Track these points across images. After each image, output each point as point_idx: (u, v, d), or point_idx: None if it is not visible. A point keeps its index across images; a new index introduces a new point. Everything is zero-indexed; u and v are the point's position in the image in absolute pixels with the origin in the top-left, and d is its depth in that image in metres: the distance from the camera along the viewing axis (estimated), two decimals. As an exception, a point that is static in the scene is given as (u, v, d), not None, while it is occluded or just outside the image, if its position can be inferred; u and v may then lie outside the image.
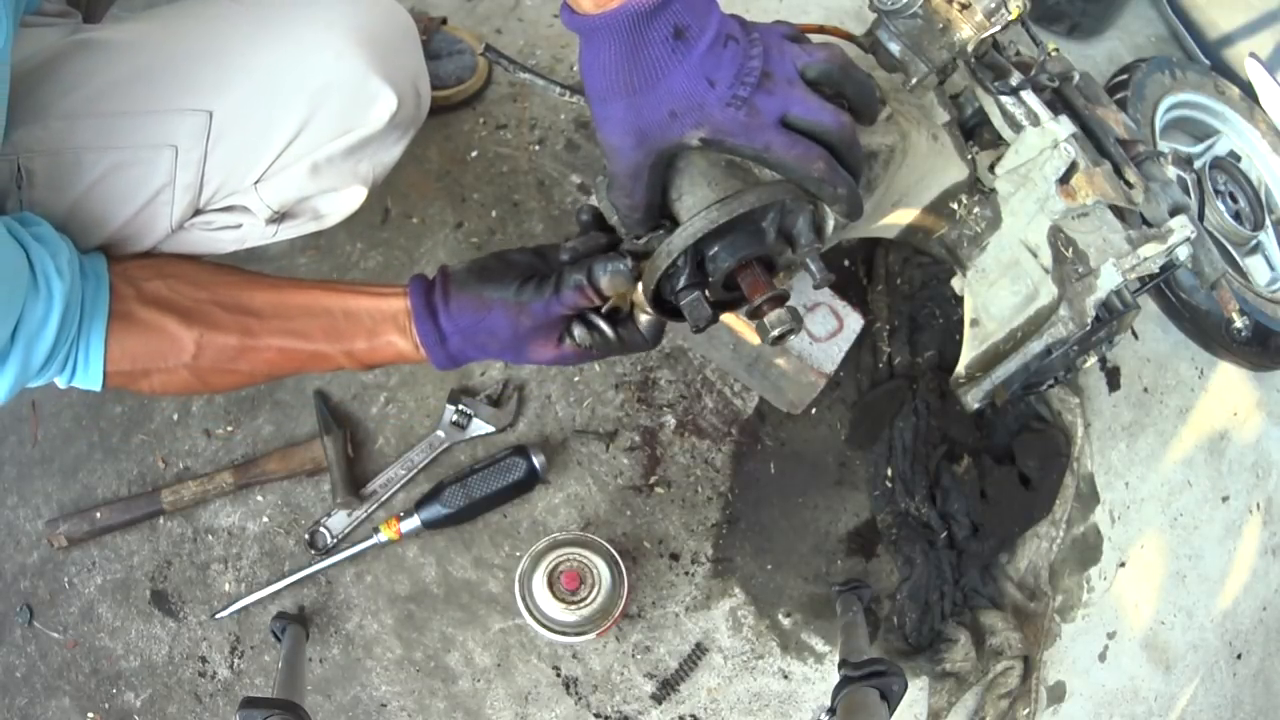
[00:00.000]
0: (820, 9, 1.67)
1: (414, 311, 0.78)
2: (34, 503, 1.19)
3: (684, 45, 0.64)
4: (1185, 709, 1.37)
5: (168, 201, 0.82)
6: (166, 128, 0.80)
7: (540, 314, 0.76)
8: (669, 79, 0.65)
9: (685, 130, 0.67)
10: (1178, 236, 0.98)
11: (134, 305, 0.74)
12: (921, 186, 1.03)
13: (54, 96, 0.80)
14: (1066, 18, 1.77)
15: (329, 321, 0.79)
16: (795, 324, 0.72)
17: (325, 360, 0.80)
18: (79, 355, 0.73)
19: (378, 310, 0.79)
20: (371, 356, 0.80)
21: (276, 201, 0.86)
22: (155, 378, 0.77)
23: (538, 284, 0.76)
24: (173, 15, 0.87)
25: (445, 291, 0.78)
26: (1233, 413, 1.55)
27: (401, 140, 0.92)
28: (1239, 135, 1.69)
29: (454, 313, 0.77)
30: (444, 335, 0.78)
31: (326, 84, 0.82)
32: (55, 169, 0.78)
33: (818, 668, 1.24)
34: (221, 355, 0.77)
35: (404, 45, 0.89)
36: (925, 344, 1.35)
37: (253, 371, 0.80)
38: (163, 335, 0.75)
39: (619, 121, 0.67)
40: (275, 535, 1.20)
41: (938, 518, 1.28)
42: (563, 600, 1.05)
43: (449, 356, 0.80)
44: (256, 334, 0.77)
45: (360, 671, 1.16)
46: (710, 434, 1.30)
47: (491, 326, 0.77)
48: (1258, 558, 1.48)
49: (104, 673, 1.13)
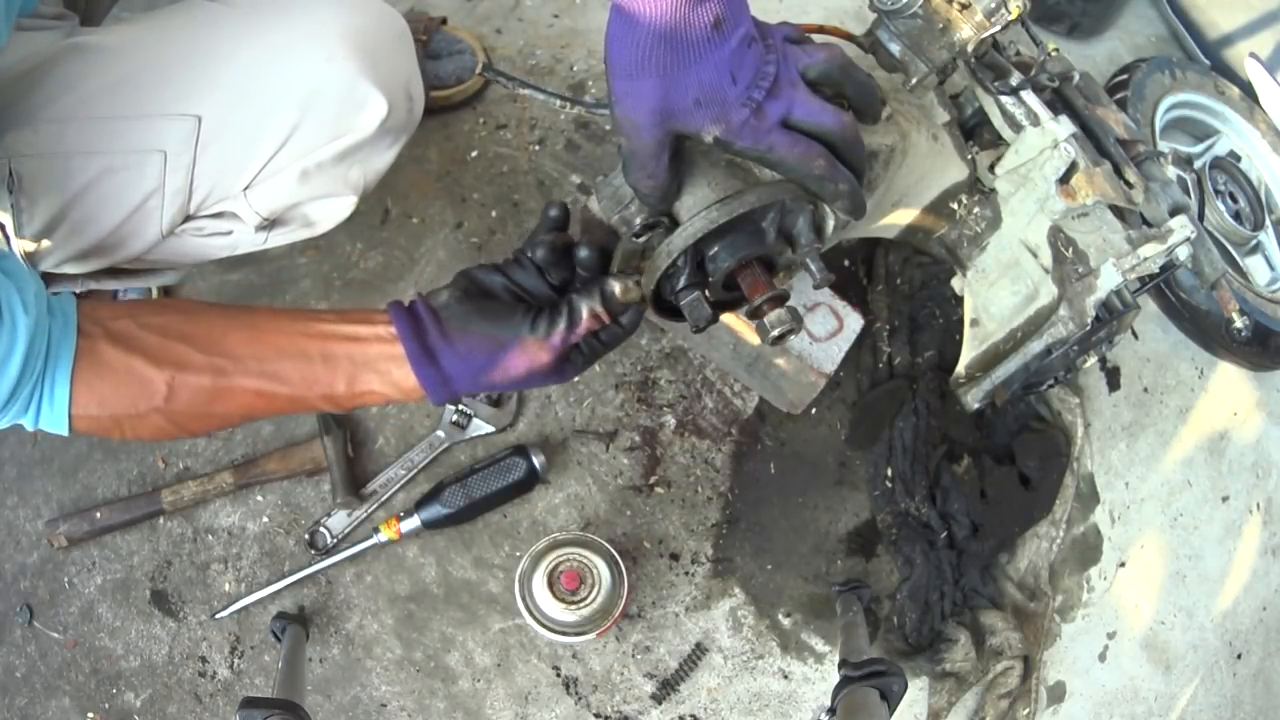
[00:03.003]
0: (820, 9, 1.66)
1: (410, 356, 0.73)
2: (34, 503, 1.19)
3: (720, 37, 0.64)
4: (1185, 709, 1.37)
5: (157, 207, 0.82)
6: (155, 133, 0.80)
7: (558, 347, 0.74)
8: (700, 66, 0.64)
9: (705, 124, 0.66)
10: (1178, 236, 0.98)
11: (101, 344, 0.70)
12: (921, 186, 1.03)
13: (45, 100, 0.79)
14: (1066, 18, 1.77)
15: (306, 366, 0.74)
16: (795, 324, 0.73)
17: (304, 404, 0.76)
18: (43, 395, 0.69)
19: (359, 354, 0.74)
20: (351, 402, 0.76)
21: (266, 208, 0.85)
22: (126, 424, 0.72)
23: (550, 318, 0.73)
24: (163, 19, 0.87)
25: (443, 332, 0.74)
26: (1233, 413, 1.55)
27: (393, 146, 0.90)
28: (1239, 135, 1.69)
29: (463, 355, 0.73)
30: (449, 378, 0.74)
31: (316, 89, 0.81)
32: (45, 173, 0.77)
33: (818, 668, 1.24)
34: (195, 398, 0.72)
35: (396, 49, 0.88)
36: (925, 344, 1.35)
37: (228, 415, 0.75)
38: (131, 377, 0.70)
39: (645, 98, 0.66)
40: (275, 535, 1.20)
41: (938, 518, 1.28)
42: (563, 600, 1.05)
43: (451, 395, 0.76)
44: (231, 375, 0.72)
45: (360, 671, 1.16)
46: (710, 434, 1.30)
47: (507, 365, 0.74)
48: (1258, 558, 1.48)
49: (104, 673, 1.13)
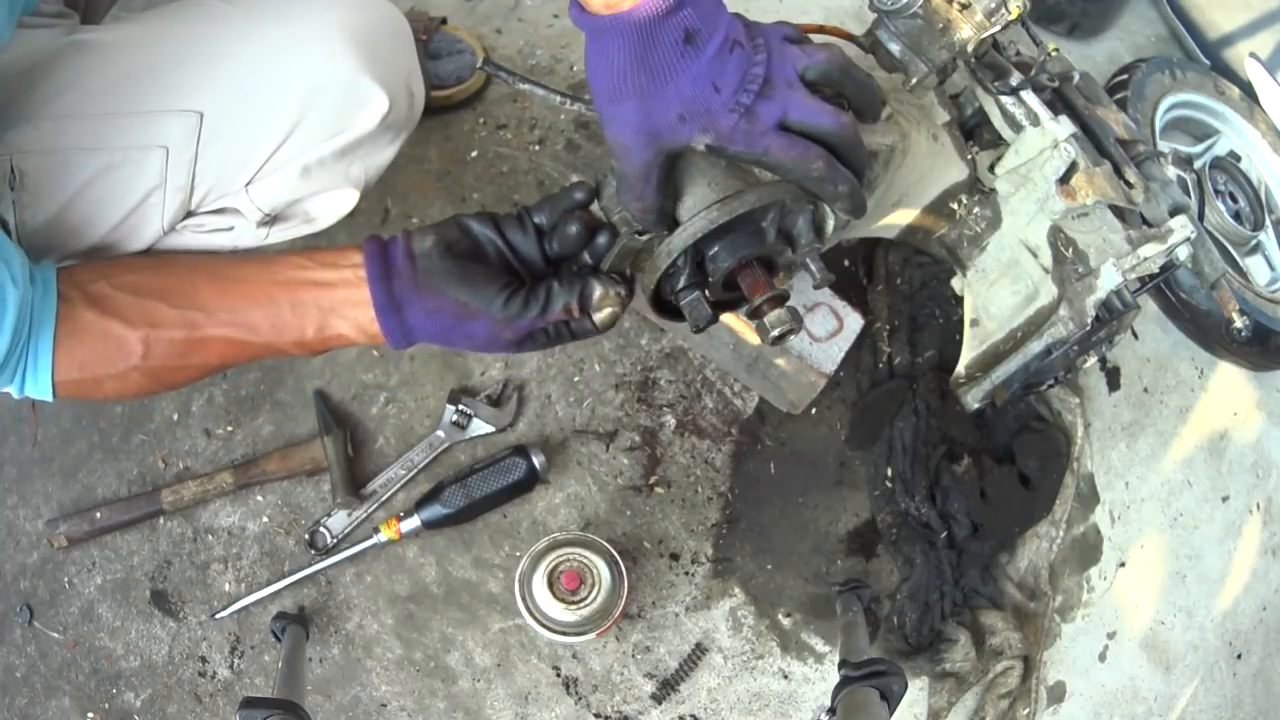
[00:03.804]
0: (820, 9, 1.66)
1: (376, 303, 0.75)
2: (34, 503, 1.19)
3: (693, 49, 0.64)
4: (1185, 709, 1.37)
5: (159, 203, 0.82)
6: (157, 129, 0.80)
7: (524, 329, 0.75)
8: (677, 82, 0.65)
9: (693, 134, 0.67)
10: (1178, 236, 0.98)
11: (80, 309, 0.72)
12: (921, 186, 1.03)
13: (46, 97, 0.79)
14: (1066, 18, 1.77)
15: (275, 314, 0.77)
16: (795, 324, 0.73)
17: (275, 350, 0.79)
18: (28, 364, 0.71)
19: (325, 300, 0.76)
20: (321, 345, 0.79)
21: (267, 204, 0.86)
22: (108, 384, 0.75)
23: (524, 300, 0.75)
24: (165, 16, 0.87)
25: (414, 283, 0.75)
26: (1233, 413, 1.55)
27: (394, 142, 0.91)
28: (1239, 135, 1.69)
29: (430, 311, 0.75)
30: (410, 329, 0.76)
31: (318, 85, 0.81)
32: (47, 169, 0.78)
33: (818, 668, 1.24)
34: (170, 352, 0.75)
35: (396, 46, 0.88)
36: (925, 344, 1.35)
37: (205, 364, 0.79)
38: (108, 340, 0.73)
39: (628, 122, 0.67)
40: (275, 535, 1.20)
41: (938, 518, 1.28)
42: (563, 600, 1.05)
43: (409, 344, 0.78)
44: (203, 328, 0.75)
45: (360, 671, 1.16)
46: (710, 434, 1.30)
47: (471, 332, 0.76)
48: (1258, 558, 1.48)
49: (104, 673, 1.13)
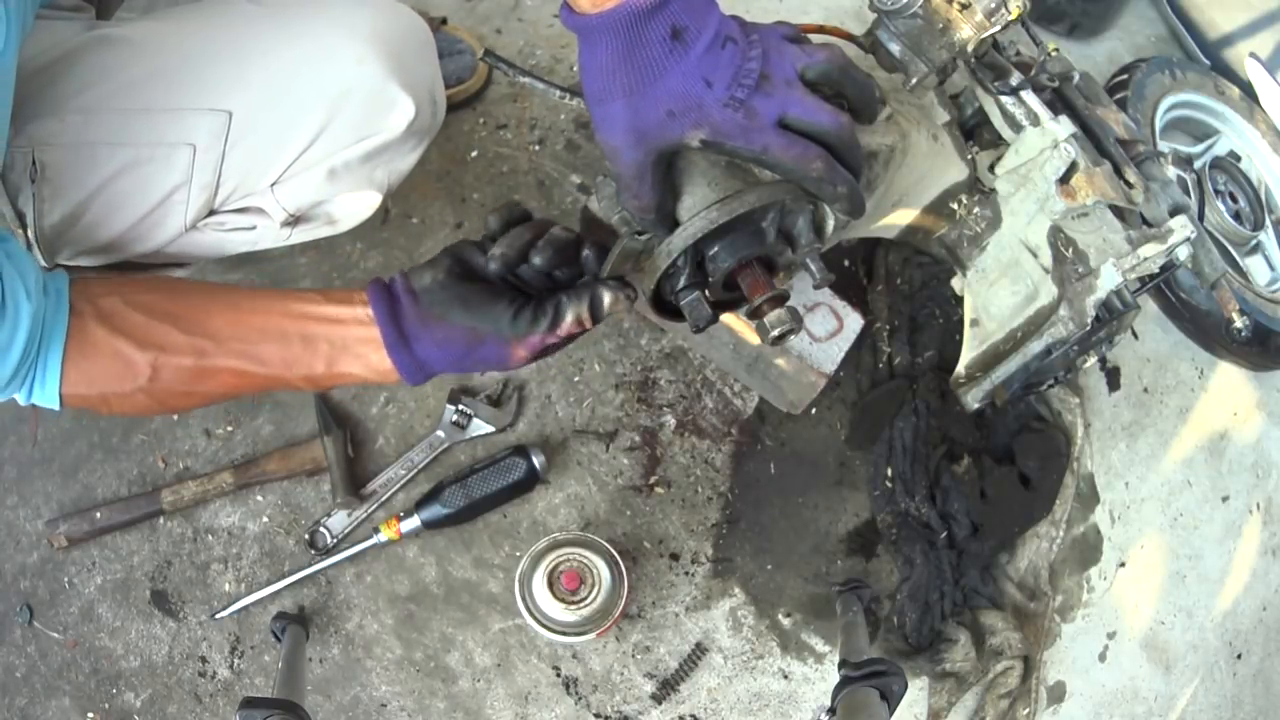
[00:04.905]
0: (820, 9, 1.66)
1: (386, 342, 0.74)
2: (34, 503, 1.19)
3: (681, 46, 0.64)
4: (1185, 709, 1.37)
5: (183, 200, 0.82)
6: (185, 126, 0.80)
7: (536, 346, 0.75)
8: (666, 79, 0.65)
9: (685, 130, 0.66)
10: (1178, 236, 0.98)
11: (91, 324, 0.72)
12: (921, 186, 1.03)
13: (71, 91, 0.79)
14: (1066, 18, 1.77)
15: (285, 347, 0.75)
16: (795, 324, 0.73)
17: (283, 383, 0.78)
18: (36, 374, 0.71)
19: (337, 337, 0.75)
20: (330, 381, 0.78)
21: (293, 204, 0.86)
22: (114, 401, 0.75)
23: (532, 316, 0.74)
24: (193, 15, 0.87)
25: (420, 317, 0.74)
26: (1233, 413, 1.55)
27: (417, 148, 0.92)
28: (1239, 135, 1.69)
29: (440, 342, 0.74)
30: (424, 363, 0.75)
31: (346, 89, 0.82)
32: (69, 163, 0.77)
33: (818, 668, 1.24)
34: (177, 378, 0.74)
35: (422, 54, 0.89)
36: (925, 344, 1.35)
37: (209, 393, 0.77)
38: (117, 359, 0.72)
39: (617, 122, 0.66)
40: (275, 535, 1.20)
41: (938, 518, 1.28)
42: (563, 600, 1.05)
43: (426, 379, 0.77)
44: (212, 357, 0.74)
45: (360, 671, 1.16)
46: (710, 434, 1.30)
47: (483, 356, 0.75)
48: (1258, 558, 1.48)
49: (104, 673, 1.13)
